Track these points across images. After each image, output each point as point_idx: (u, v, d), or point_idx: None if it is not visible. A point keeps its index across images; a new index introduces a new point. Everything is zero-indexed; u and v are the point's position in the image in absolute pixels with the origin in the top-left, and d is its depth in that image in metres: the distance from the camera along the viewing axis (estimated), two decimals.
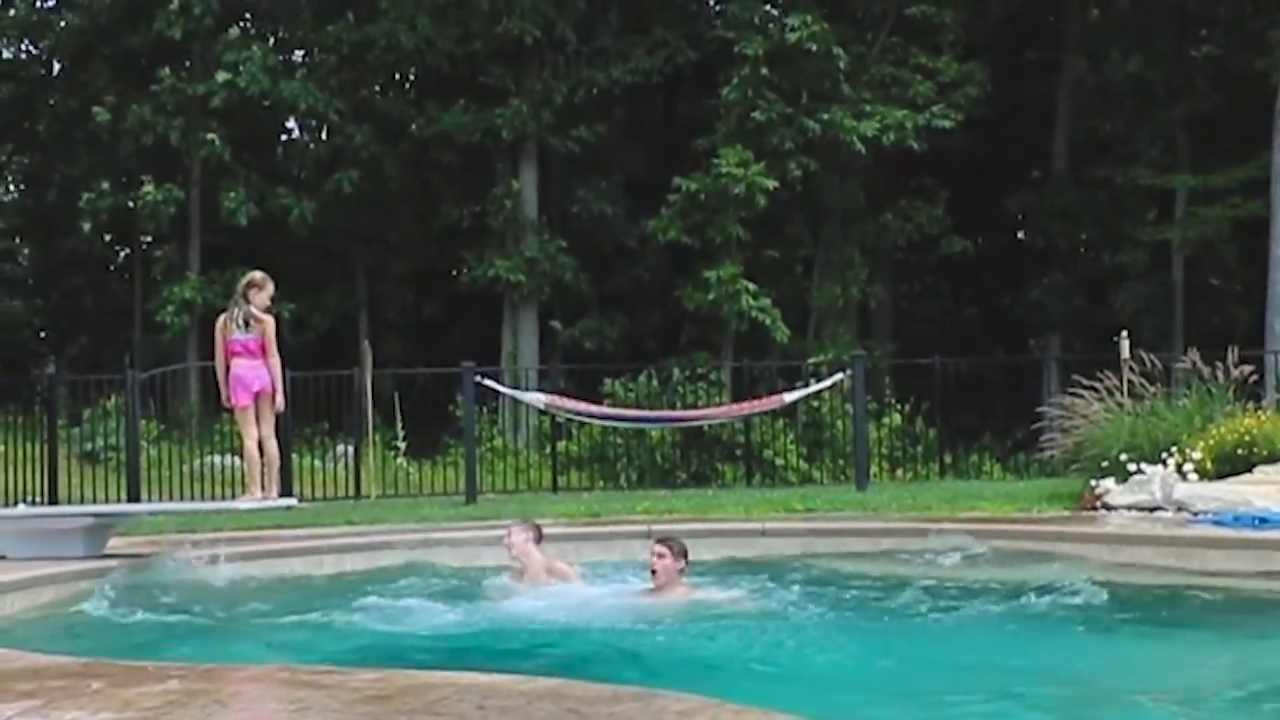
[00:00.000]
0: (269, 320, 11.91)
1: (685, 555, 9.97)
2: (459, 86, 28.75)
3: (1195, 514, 12.84)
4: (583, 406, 18.94)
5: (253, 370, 11.78)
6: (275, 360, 11.93)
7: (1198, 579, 10.83)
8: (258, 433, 11.85)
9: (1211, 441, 14.13)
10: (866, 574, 11.67)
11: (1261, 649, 8.70)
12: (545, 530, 11.48)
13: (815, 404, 22.18)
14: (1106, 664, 8.26)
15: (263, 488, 11.86)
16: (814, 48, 25.70)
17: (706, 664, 8.30)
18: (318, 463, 20.24)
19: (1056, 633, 9.00)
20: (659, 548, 9.96)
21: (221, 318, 12.06)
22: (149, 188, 27.03)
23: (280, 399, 12.06)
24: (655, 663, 8.26)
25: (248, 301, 11.87)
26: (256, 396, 11.82)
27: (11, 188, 37.69)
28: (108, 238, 33.36)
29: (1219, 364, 15.57)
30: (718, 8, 29.14)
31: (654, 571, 9.90)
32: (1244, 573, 10.85)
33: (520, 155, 28.90)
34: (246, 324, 11.83)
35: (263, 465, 11.92)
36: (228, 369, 11.89)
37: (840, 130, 25.82)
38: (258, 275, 12.10)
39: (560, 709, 4.55)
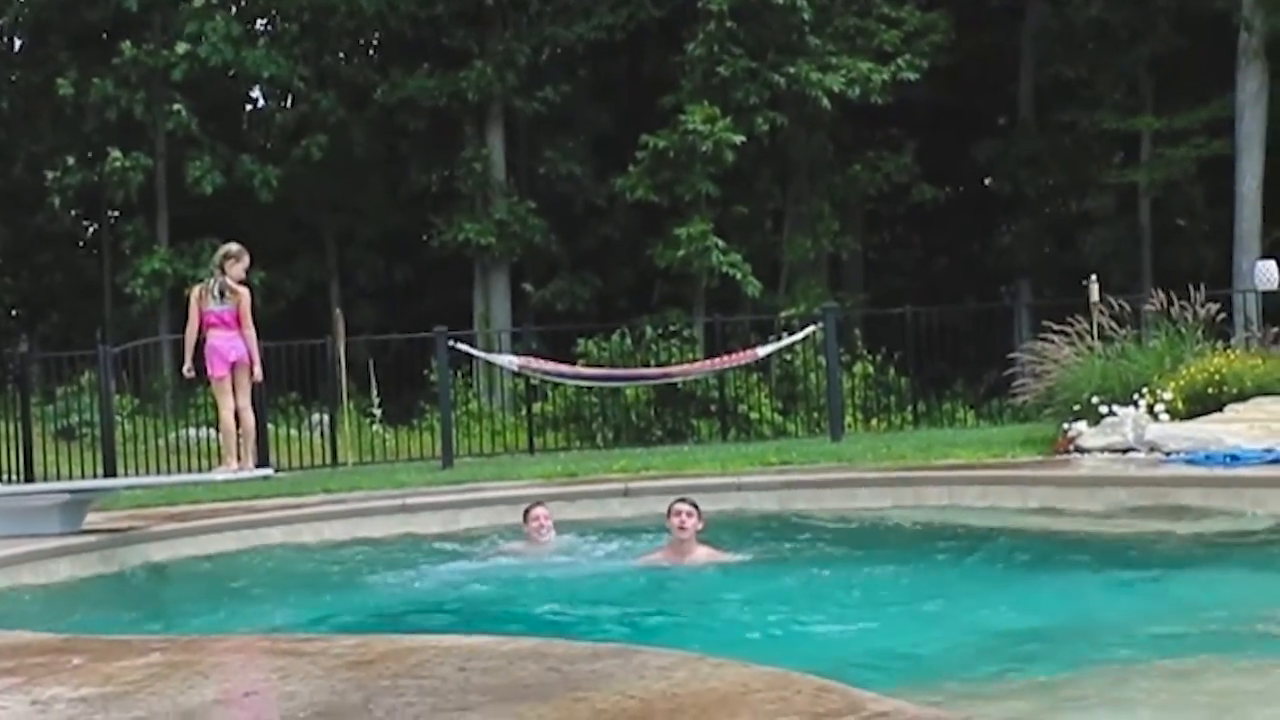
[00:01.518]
0: (244, 292, 11.84)
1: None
2: (423, 50, 28.63)
3: (1168, 454, 12.91)
4: (556, 367, 18.94)
5: (229, 341, 11.71)
6: (251, 332, 11.87)
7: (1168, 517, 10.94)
8: (234, 403, 11.79)
9: (1182, 382, 14.19)
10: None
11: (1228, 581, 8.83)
12: (520, 491, 11.57)
13: (788, 357, 22.21)
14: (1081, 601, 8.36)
15: (239, 458, 11.81)
16: (778, 1, 25.63)
17: (738, 618, 8.47)
18: (293, 432, 20.20)
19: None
20: (686, 507, 10.15)
21: (197, 289, 11.99)
22: (116, 154, 26.87)
23: (258, 370, 12.01)
24: (692, 619, 8.49)
25: (224, 273, 11.79)
26: (233, 367, 11.77)
27: None
28: (75, 213, 33.18)
29: (1187, 305, 15.62)
30: None
31: (682, 528, 10.04)
32: (1218, 511, 10.92)
33: (487, 118, 28.80)
34: (222, 295, 11.76)
35: (239, 436, 11.87)
36: (201, 341, 11.83)
37: (806, 84, 25.79)
38: (234, 247, 12.02)
39: (542, 668, 4.57)
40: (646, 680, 4.23)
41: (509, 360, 19.34)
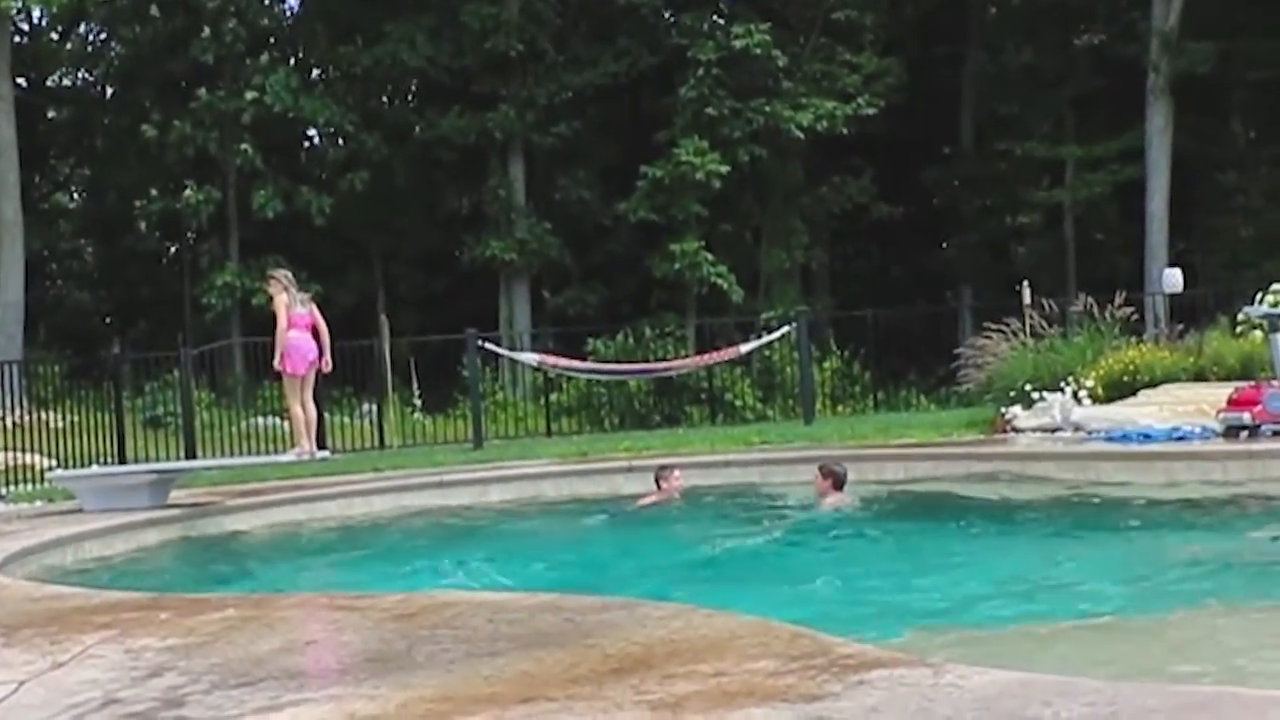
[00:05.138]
0: (313, 305, 11.90)
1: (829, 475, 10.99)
2: (455, 95, 28.60)
3: (1090, 433, 12.91)
4: (570, 362, 18.92)
5: (309, 343, 11.59)
6: (325, 336, 11.84)
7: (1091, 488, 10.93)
8: (301, 397, 11.70)
9: (1102, 371, 14.21)
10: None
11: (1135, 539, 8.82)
12: (540, 469, 11.60)
13: (767, 353, 22.17)
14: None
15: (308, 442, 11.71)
16: (757, 51, 25.70)
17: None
18: (346, 419, 20.18)
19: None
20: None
21: (284, 297, 11.59)
22: (190, 191, 26.92)
23: (328, 360, 11.93)
24: None
25: (298, 288, 11.75)
26: (309, 365, 11.67)
27: (76, 196, 37.49)
28: (159, 236, 33.18)
29: (1107, 306, 15.62)
30: (672, 19, 28.95)
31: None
32: (1133, 482, 10.93)
33: (509, 151, 28.78)
34: (301, 303, 11.71)
35: (306, 423, 11.77)
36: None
37: (781, 120, 25.85)
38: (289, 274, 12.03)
39: (559, 619, 4.57)
40: (648, 629, 4.24)
41: (529, 357, 19.34)
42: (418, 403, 21.06)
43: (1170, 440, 11.84)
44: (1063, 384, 14.06)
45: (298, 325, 11.56)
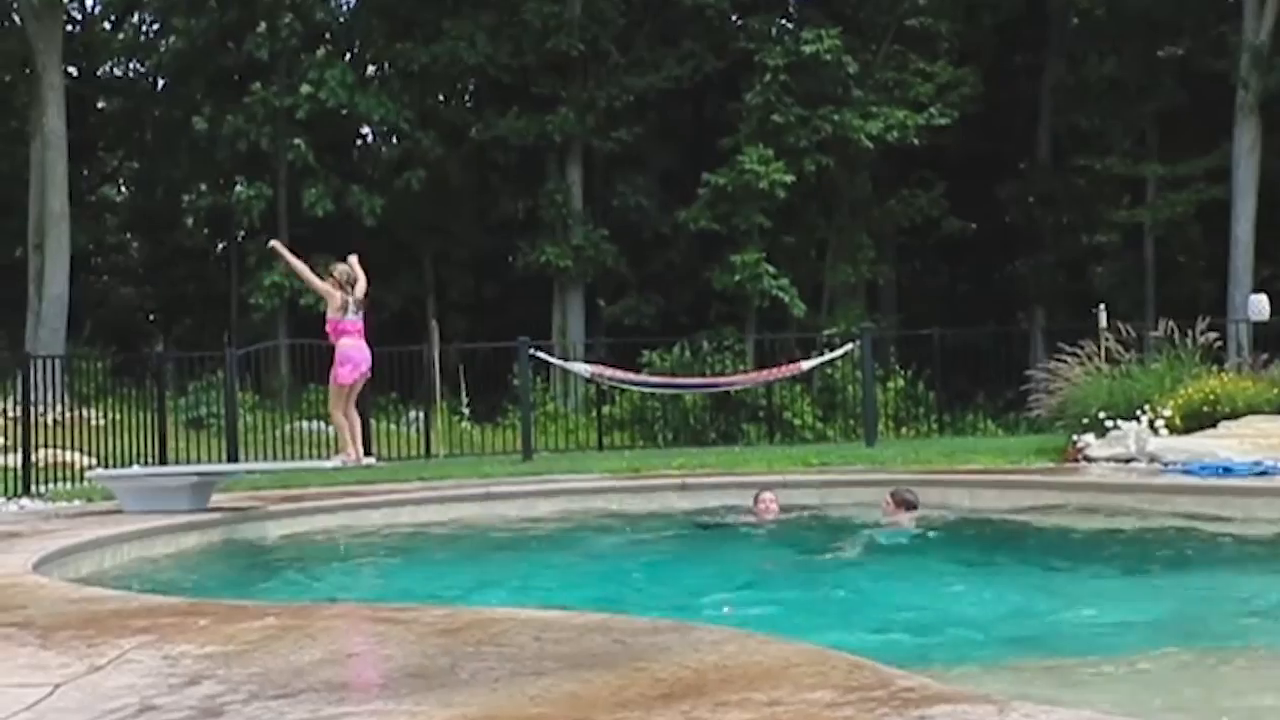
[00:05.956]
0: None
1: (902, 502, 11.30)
2: (513, 95, 28.75)
3: (1166, 464, 12.76)
4: (624, 375, 18.91)
5: (362, 351, 11.46)
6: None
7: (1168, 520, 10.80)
8: (345, 404, 11.65)
9: (1180, 400, 14.03)
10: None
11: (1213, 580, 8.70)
12: (591, 483, 11.60)
13: (829, 371, 22.12)
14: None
15: (353, 448, 11.67)
16: (827, 58, 25.65)
17: None
18: (392, 426, 20.29)
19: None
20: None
21: (339, 294, 11.41)
22: (241, 186, 27.18)
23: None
24: None
25: (354, 289, 11.56)
26: (361, 376, 11.57)
27: (123, 189, 37.98)
28: (207, 232, 33.57)
29: (1187, 332, 15.45)
30: (739, 21, 29.00)
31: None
32: (1208, 515, 10.78)
33: (568, 155, 28.89)
34: (357, 308, 11.62)
35: (350, 429, 11.74)
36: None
37: (850, 130, 25.81)
38: (349, 270, 11.66)
39: (608, 639, 4.56)
40: (700, 653, 4.22)
41: (582, 368, 19.35)
42: (466, 411, 21.15)
43: (1252, 475, 11.68)
44: (1139, 412, 13.91)
45: (350, 332, 11.54)
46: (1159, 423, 13.62)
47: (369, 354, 11.61)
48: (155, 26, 34.92)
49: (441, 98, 31.64)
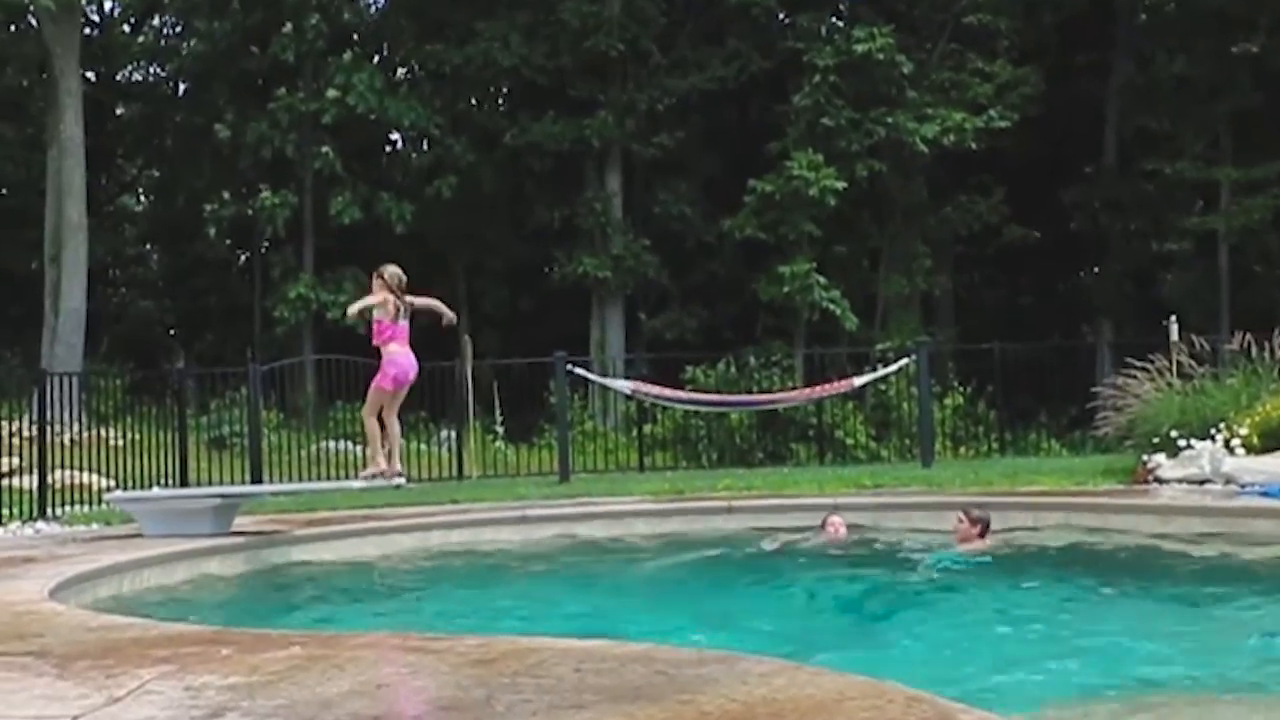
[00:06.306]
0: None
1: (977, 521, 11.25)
2: (549, 98, 28.83)
3: (1243, 486, 12.64)
4: (666, 392, 18.89)
5: (409, 357, 11.46)
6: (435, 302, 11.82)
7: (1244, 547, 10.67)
8: (384, 414, 11.64)
9: (1258, 418, 13.89)
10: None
11: None
12: (631, 506, 11.58)
13: (883, 387, 22.06)
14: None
15: (388, 461, 11.65)
16: (880, 57, 25.60)
17: None
18: (423, 446, 20.36)
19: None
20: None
21: (392, 302, 11.47)
22: (266, 194, 27.34)
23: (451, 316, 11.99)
24: None
25: (403, 293, 11.56)
26: (405, 385, 11.52)
27: (143, 198, 38.32)
28: (229, 243, 33.78)
29: (1265, 345, 15.30)
30: (787, 20, 29.00)
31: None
32: None
33: (606, 161, 28.95)
34: (406, 313, 11.63)
35: (384, 441, 11.73)
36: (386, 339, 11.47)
37: (904, 133, 25.74)
38: (399, 272, 11.68)
39: (651, 670, 4.55)
40: (749, 686, 4.20)
41: (622, 384, 19.36)
42: (500, 430, 21.19)
43: None
44: (1213, 431, 13.78)
45: (399, 338, 11.53)
46: (1235, 442, 13.48)
47: (416, 363, 11.57)
48: (176, 29, 35.26)
49: (474, 101, 31.77)
